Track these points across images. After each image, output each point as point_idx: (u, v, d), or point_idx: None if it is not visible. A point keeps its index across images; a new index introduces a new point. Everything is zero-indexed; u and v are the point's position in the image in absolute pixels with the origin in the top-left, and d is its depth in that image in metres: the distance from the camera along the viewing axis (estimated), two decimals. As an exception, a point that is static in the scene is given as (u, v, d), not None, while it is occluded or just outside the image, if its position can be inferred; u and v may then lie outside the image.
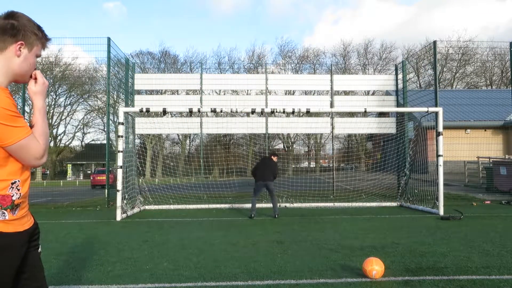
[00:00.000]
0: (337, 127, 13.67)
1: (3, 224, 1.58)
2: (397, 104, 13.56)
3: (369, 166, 22.84)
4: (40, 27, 1.71)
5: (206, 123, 13.42)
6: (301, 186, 14.87)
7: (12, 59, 1.64)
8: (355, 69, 45.88)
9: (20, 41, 1.64)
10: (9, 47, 1.63)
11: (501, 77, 44.74)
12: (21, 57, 1.66)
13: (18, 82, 1.76)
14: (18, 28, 1.63)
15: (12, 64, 1.65)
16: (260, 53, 49.43)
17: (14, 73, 1.68)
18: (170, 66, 45.55)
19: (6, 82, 1.66)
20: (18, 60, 1.65)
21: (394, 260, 4.87)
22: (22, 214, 1.68)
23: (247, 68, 44.21)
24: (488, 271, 4.32)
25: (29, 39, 1.66)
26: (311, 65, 45.26)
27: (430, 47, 13.25)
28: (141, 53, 47.68)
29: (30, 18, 1.68)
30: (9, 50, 1.63)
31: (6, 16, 1.63)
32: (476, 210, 10.25)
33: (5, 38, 1.62)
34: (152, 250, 5.68)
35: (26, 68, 1.69)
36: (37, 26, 1.70)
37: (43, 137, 1.66)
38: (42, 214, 10.61)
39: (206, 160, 14.99)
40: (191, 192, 14.63)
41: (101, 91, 44.43)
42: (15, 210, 1.62)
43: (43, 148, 1.63)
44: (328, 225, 8.07)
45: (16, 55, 1.64)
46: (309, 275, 4.27)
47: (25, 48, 1.66)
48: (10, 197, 1.60)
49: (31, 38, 1.67)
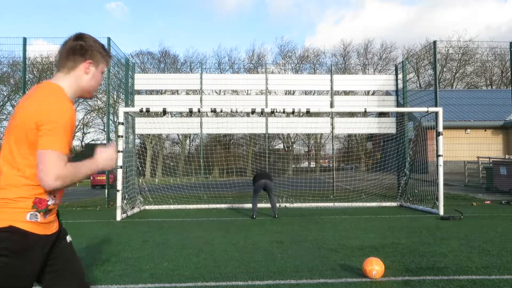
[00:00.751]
0: (337, 127, 13.68)
1: (35, 226, 1.67)
2: (397, 104, 13.56)
3: (369, 166, 22.84)
4: (104, 46, 1.90)
5: (206, 123, 13.42)
6: (301, 186, 14.87)
7: (81, 76, 1.81)
8: (355, 69, 45.85)
9: (89, 60, 1.82)
10: (78, 66, 1.80)
11: (501, 77, 44.73)
12: (89, 75, 1.84)
13: (84, 97, 1.90)
14: (86, 49, 1.80)
15: (81, 81, 1.82)
16: (260, 53, 49.40)
17: (83, 89, 1.85)
18: (170, 66, 45.55)
19: (74, 97, 1.83)
20: (87, 77, 1.83)
21: (394, 260, 4.87)
22: (51, 219, 1.78)
23: (247, 68, 44.21)
24: (488, 271, 4.32)
25: (95, 58, 1.84)
26: (311, 65, 45.25)
27: (430, 47, 13.25)
28: (141, 53, 47.66)
29: (95, 39, 1.86)
30: (79, 69, 1.81)
31: (75, 38, 1.81)
32: (476, 210, 10.25)
33: (75, 58, 1.79)
34: (152, 250, 5.68)
35: (93, 84, 1.87)
36: (101, 45, 1.88)
37: (71, 175, 1.68)
38: (42, 214, 10.60)
39: (206, 160, 14.99)
40: (191, 192, 14.63)
41: (101, 91, 44.42)
42: (47, 214, 1.72)
43: (62, 175, 1.63)
44: (328, 225, 8.07)
45: (85, 72, 1.82)
46: (309, 275, 4.27)
47: (93, 66, 1.84)
48: (46, 201, 1.71)
49: (97, 56, 1.85)
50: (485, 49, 40.68)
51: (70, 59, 1.79)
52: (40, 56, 32.53)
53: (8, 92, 45.18)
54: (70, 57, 1.79)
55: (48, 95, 1.69)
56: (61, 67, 1.81)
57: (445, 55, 41.25)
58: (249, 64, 45.12)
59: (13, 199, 1.64)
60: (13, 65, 39.36)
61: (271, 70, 41.69)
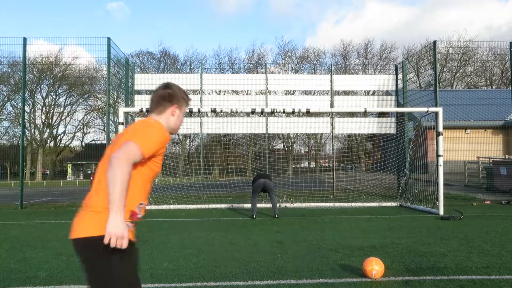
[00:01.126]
0: (337, 127, 13.67)
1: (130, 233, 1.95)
2: (397, 104, 13.55)
3: (369, 166, 22.82)
4: (185, 91, 2.31)
5: (206, 123, 13.42)
6: (301, 186, 14.88)
7: (169, 118, 2.21)
8: (355, 69, 45.87)
9: (175, 105, 2.22)
10: (167, 110, 2.20)
11: (501, 77, 44.73)
12: (175, 116, 2.23)
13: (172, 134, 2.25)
14: (173, 95, 2.21)
15: (169, 121, 2.21)
16: (260, 53, 49.41)
17: (170, 128, 2.22)
18: (170, 66, 45.56)
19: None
20: (174, 118, 2.22)
21: (394, 260, 4.87)
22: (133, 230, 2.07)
23: (247, 68, 44.21)
24: (488, 271, 4.32)
25: (180, 103, 2.24)
26: (311, 65, 45.27)
27: (430, 47, 13.25)
28: (141, 53, 47.70)
29: (179, 87, 2.28)
30: (167, 112, 2.20)
31: (164, 87, 2.24)
32: (476, 210, 10.25)
33: (165, 103, 2.20)
34: (152, 250, 5.68)
35: (178, 124, 2.27)
36: (184, 91, 2.29)
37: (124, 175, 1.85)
38: (42, 214, 10.61)
39: (206, 160, 14.99)
40: (191, 192, 14.63)
41: (101, 91, 44.43)
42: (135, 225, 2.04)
43: (119, 165, 1.84)
44: (328, 225, 8.06)
45: (172, 115, 2.21)
46: (309, 275, 4.27)
47: (178, 109, 2.23)
48: (136, 214, 2.01)
49: (181, 101, 2.25)
50: (485, 49, 40.70)
51: (160, 104, 2.20)
52: (40, 56, 32.57)
53: (8, 92, 45.17)
54: (161, 102, 2.20)
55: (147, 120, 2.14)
56: (153, 110, 2.22)
57: (445, 55, 41.26)
58: (249, 64, 45.13)
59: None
60: (13, 65, 39.43)
61: (271, 70, 41.72)
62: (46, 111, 50.43)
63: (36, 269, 4.70)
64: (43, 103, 50.02)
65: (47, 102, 50.20)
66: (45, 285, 4.09)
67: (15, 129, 47.12)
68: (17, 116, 43.36)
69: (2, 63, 37.10)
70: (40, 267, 4.79)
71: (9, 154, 48.43)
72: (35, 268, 4.75)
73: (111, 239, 1.80)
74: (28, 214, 10.66)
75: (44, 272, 4.56)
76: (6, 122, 47.24)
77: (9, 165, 51.83)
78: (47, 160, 53.71)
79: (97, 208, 1.90)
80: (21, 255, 5.49)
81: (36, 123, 49.57)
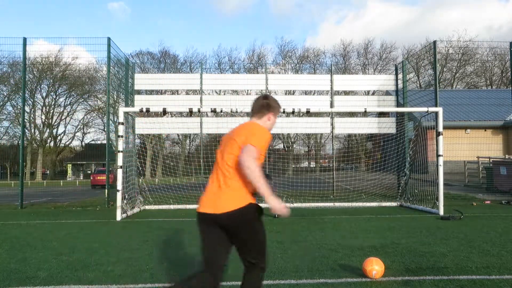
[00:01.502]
0: (337, 127, 13.67)
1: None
2: (397, 104, 13.55)
3: (369, 166, 22.83)
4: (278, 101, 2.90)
5: (206, 123, 13.41)
6: (301, 186, 14.88)
7: (266, 122, 2.82)
8: (355, 69, 45.89)
9: (272, 112, 2.83)
10: (265, 116, 2.82)
11: (501, 77, 44.75)
12: (270, 121, 2.85)
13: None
14: (270, 105, 2.82)
15: (266, 124, 2.81)
16: (260, 53, 49.43)
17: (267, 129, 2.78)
18: (170, 66, 45.57)
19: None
20: (269, 123, 2.84)
21: (394, 260, 4.87)
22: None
23: (247, 68, 44.22)
24: (488, 271, 4.32)
25: (274, 110, 2.85)
26: (311, 65, 45.28)
27: (430, 47, 13.25)
28: (141, 53, 47.72)
29: (274, 98, 2.88)
30: (265, 117, 2.82)
31: (263, 98, 2.85)
32: (476, 210, 10.25)
33: (264, 111, 2.81)
34: (152, 250, 5.68)
35: (271, 128, 2.85)
36: (277, 101, 2.88)
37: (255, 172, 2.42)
38: (42, 214, 10.61)
39: (206, 160, 14.96)
40: (191, 192, 14.61)
41: (101, 91, 44.46)
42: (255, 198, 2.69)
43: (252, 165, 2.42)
44: (328, 225, 8.06)
45: (268, 119, 2.83)
46: (309, 275, 4.27)
47: (273, 116, 2.85)
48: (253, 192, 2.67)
49: (275, 109, 2.86)
50: (485, 49, 40.70)
51: (260, 111, 2.81)
52: (40, 56, 32.58)
53: (8, 92, 45.17)
54: (261, 110, 2.81)
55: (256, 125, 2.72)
56: (254, 115, 2.83)
57: (445, 55, 41.27)
58: (249, 64, 45.13)
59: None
60: (13, 65, 39.45)
61: (271, 70, 41.73)
62: (46, 111, 50.47)
63: (36, 269, 4.70)
64: (43, 103, 50.07)
65: (47, 102, 50.25)
66: (45, 285, 4.09)
67: (15, 129, 47.19)
68: (17, 116, 43.40)
69: (2, 63, 37.12)
70: (40, 267, 4.79)
71: (9, 154, 48.48)
72: (35, 268, 4.75)
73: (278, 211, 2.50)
74: (28, 214, 10.66)
75: (44, 272, 4.56)
76: (6, 122, 47.29)
77: (9, 165, 51.86)
78: (47, 160, 53.75)
79: (235, 187, 2.56)
80: (21, 255, 5.49)
81: (36, 123, 49.61)
